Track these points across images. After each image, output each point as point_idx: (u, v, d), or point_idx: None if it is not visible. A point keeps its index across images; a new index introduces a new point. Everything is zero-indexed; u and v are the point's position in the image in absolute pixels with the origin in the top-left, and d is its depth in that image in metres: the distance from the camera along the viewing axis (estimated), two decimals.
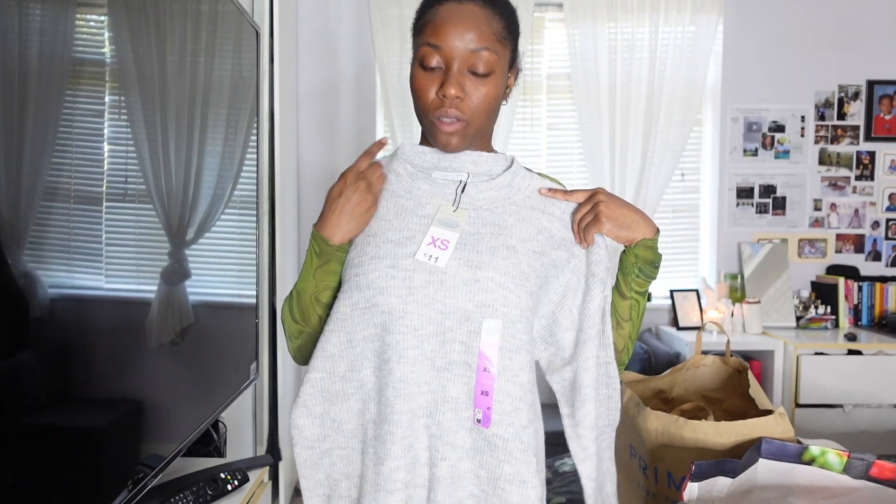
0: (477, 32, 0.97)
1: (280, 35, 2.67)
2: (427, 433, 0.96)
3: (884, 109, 3.52)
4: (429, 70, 0.98)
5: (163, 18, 1.39)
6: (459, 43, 0.96)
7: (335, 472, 1.01)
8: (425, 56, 0.98)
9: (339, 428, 1.00)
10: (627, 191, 3.34)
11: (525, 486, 0.94)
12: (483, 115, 1.01)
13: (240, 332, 1.95)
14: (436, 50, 0.97)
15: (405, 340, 0.94)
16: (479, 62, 0.97)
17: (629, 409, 1.41)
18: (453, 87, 0.97)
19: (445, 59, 0.97)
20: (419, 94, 1.00)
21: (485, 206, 1.02)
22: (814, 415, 3.05)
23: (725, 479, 1.11)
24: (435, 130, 1.00)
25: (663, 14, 3.30)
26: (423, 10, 1.02)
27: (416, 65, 1.00)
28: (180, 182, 1.49)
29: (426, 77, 0.99)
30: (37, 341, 0.99)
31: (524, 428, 0.96)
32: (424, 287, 0.95)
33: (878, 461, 1.06)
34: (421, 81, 0.99)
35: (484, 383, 0.94)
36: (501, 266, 0.97)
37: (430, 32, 0.98)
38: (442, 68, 0.98)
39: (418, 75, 1.00)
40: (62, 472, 1.04)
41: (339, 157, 3.35)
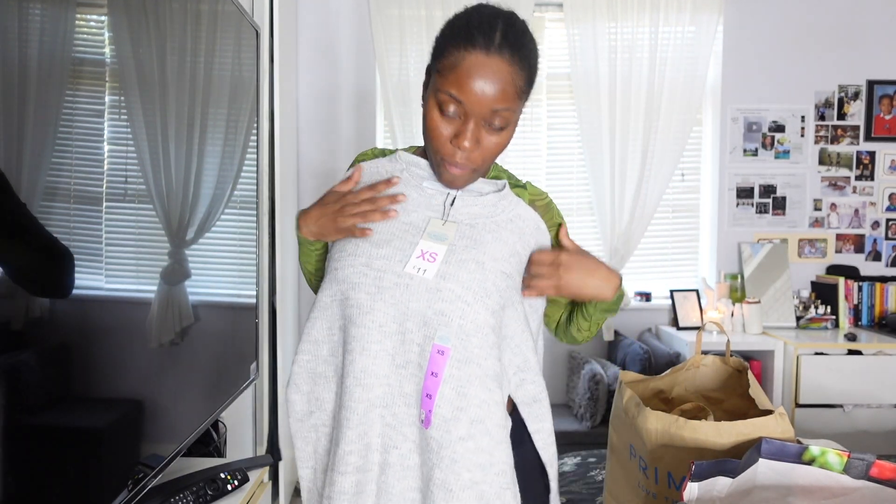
0: (501, 93, 0.96)
1: (280, 35, 2.67)
2: (382, 422, 1.00)
3: (884, 109, 3.52)
4: (445, 116, 0.99)
5: (163, 18, 1.39)
6: (482, 100, 0.96)
7: (319, 447, 1.09)
8: (444, 103, 0.97)
9: (322, 406, 1.08)
10: (627, 191, 3.34)
11: (450, 496, 0.96)
12: (490, 161, 1.04)
13: (240, 332, 1.95)
14: (457, 103, 0.97)
15: (369, 334, 1.00)
16: (498, 119, 0.98)
17: (629, 410, 1.41)
18: (469, 142, 0.98)
19: (464, 113, 0.97)
20: (433, 136, 1.01)
21: (467, 220, 1.05)
22: (814, 415, 3.05)
23: (725, 479, 1.11)
24: (441, 169, 1.03)
25: (663, 14, 3.30)
26: (447, 47, 0.98)
27: (434, 106, 1.00)
28: (180, 182, 1.49)
29: (442, 122, 0.99)
30: (37, 341, 0.99)
31: (461, 439, 0.97)
32: (392, 288, 0.99)
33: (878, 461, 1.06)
34: (436, 123, 0.99)
35: (429, 386, 0.98)
36: (465, 279, 0.99)
37: (454, 83, 0.96)
38: (459, 118, 0.98)
39: (434, 118, 0.99)
40: (62, 472, 1.04)
41: (339, 157, 3.35)
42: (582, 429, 2.97)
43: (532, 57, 1.01)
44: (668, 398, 1.63)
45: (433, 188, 1.07)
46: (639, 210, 3.34)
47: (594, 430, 2.94)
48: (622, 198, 3.34)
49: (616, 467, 1.50)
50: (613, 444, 1.52)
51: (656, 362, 3.02)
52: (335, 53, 3.32)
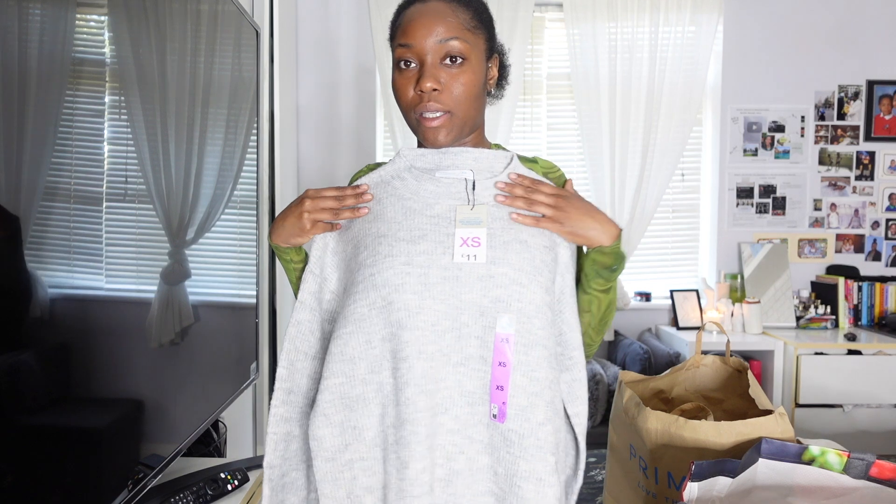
0: (444, 25, 0.99)
1: (280, 35, 2.67)
2: (444, 429, 0.94)
3: (884, 109, 3.52)
4: (405, 70, 1.01)
5: (163, 18, 1.39)
6: (428, 37, 0.98)
7: (357, 487, 0.97)
8: (399, 59, 1.01)
9: (360, 436, 0.96)
10: (627, 191, 3.34)
11: (541, 485, 0.93)
12: (466, 103, 1.01)
13: (240, 332, 1.95)
14: (407, 49, 0.99)
15: (423, 336, 0.93)
16: (451, 51, 0.99)
17: (629, 410, 1.41)
18: (429, 80, 0.98)
19: (418, 56, 0.99)
20: (399, 95, 1.02)
21: (491, 202, 1.02)
22: (814, 415, 3.05)
23: (725, 478, 1.11)
24: (421, 128, 1.02)
25: (663, 14, 3.30)
26: (395, 18, 1.05)
27: (395, 68, 1.03)
28: (180, 182, 1.49)
29: (403, 77, 1.01)
30: (37, 341, 0.99)
31: (541, 425, 0.94)
32: (440, 283, 0.94)
33: (878, 461, 1.06)
34: (399, 82, 1.01)
35: (499, 378, 0.94)
36: (515, 261, 0.96)
37: (401, 34, 1.01)
38: (416, 65, 1.00)
39: (396, 77, 1.02)
40: (62, 472, 1.04)
41: (339, 157, 3.35)
42: None
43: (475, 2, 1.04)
44: (668, 398, 1.63)
45: (447, 176, 1.03)
46: (639, 210, 3.34)
47: (594, 430, 2.94)
48: (622, 198, 3.34)
49: (616, 467, 1.50)
50: (613, 444, 1.52)
51: (656, 362, 3.02)
52: (335, 53, 3.32)
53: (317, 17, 3.30)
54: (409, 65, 1.00)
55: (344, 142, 3.35)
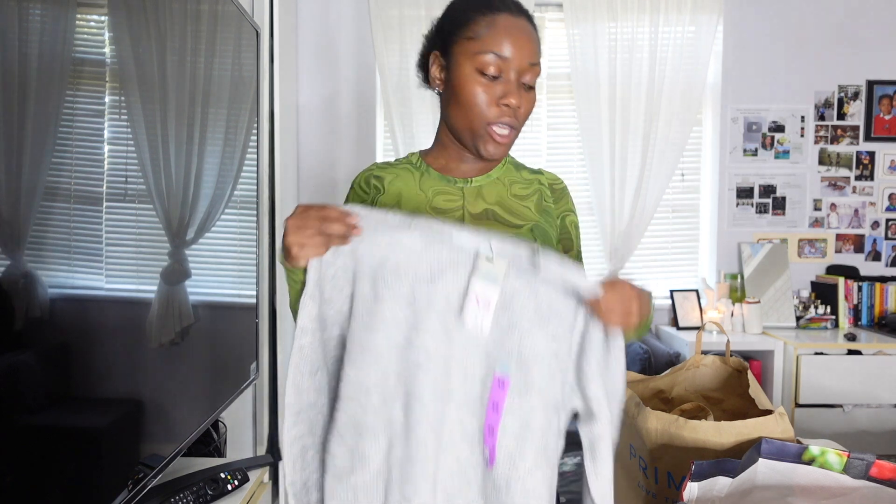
0: (533, 47, 1.01)
1: (280, 35, 2.67)
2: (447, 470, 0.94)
3: (884, 109, 3.52)
4: (490, 81, 1.01)
5: (163, 18, 1.39)
6: (523, 57, 1.00)
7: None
8: (487, 64, 1.00)
9: (366, 465, 0.94)
10: (627, 191, 3.34)
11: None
12: (524, 123, 1.06)
13: (240, 332, 1.95)
14: (500, 60, 1.00)
15: (437, 377, 0.92)
16: (532, 76, 1.02)
17: (629, 410, 1.41)
18: (515, 98, 1.01)
19: (505, 70, 1.01)
20: (475, 102, 1.01)
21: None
22: (814, 415, 3.05)
23: (725, 478, 1.11)
24: (487, 138, 1.03)
25: (663, 14, 3.30)
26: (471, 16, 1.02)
27: (472, 72, 1.01)
28: (180, 182, 1.49)
29: (485, 86, 1.01)
30: (37, 341, 0.99)
31: (528, 472, 0.92)
32: (457, 327, 0.94)
33: (878, 461, 1.06)
34: (479, 89, 1.01)
35: (491, 420, 0.92)
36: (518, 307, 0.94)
37: (494, 42, 1.00)
38: (499, 77, 1.01)
39: (475, 83, 1.01)
40: (62, 472, 1.04)
41: (339, 157, 3.35)
42: None
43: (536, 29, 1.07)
44: (668, 398, 1.63)
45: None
46: (639, 210, 3.34)
47: None
48: (622, 198, 3.34)
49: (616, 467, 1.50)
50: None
51: (656, 362, 3.01)
52: (335, 53, 3.32)
53: (317, 17, 3.30)
54: (495, 77, 1.01)
55: (344, 142, 3.35)
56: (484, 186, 1.13)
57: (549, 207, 1.16)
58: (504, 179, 1.15)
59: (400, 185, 1.13)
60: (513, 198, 1.13)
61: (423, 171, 1.14)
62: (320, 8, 3.29)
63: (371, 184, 1.14)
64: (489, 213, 1.11)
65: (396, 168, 1.16)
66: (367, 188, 1.15)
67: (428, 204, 1.10)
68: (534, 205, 1.14)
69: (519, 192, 1.14)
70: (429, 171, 1.14)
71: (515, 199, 1.13)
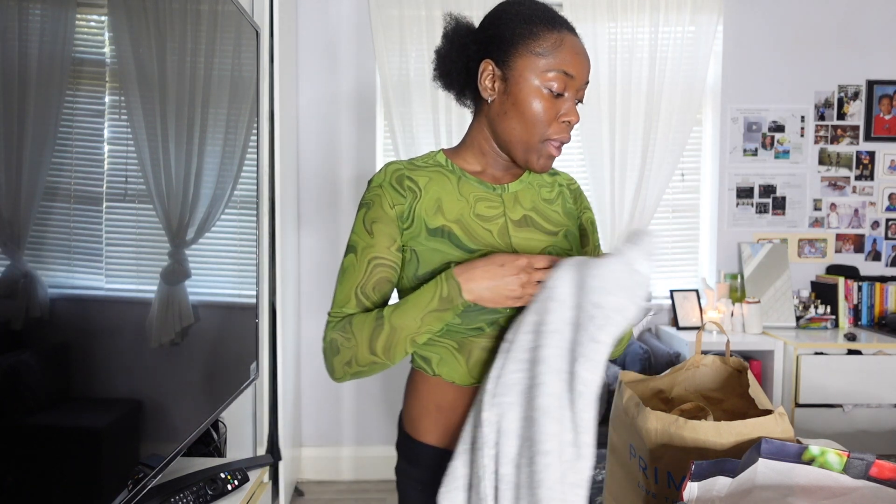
0: (589, 67, 1.06)
1: (280, 35, 2.67)
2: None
3: (884, 109, 3.52)
4: (555, 97, 1.03)
5: (163, 18, 1.39)
6: (583, 75, 1.04)
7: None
8: (558, 83, 1.02)
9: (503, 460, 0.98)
10: (627, 191, 3.34)
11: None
12: None
13: (240, 332, 1.95)
14: (567, 78, 1.03)
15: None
16: (584, 93, 1.07)
17: (629, 410, 1.41)
18: (575, 116, 1.05)
19: (570, 88, 1.04)
20: (539, 119, 1.03)
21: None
22: (814, 415, 3.05)
23: (725, 478, 1.11)
24: (543, 153, 1.06)
25: (663, 14, 3.30)
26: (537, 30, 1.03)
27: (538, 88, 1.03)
28: (180, 182, 1.49)
29: (549, 102, 1.03)
30: (37, 341, 0.99)
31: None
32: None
33: (878, 461, 1.06)
34: (544, 105, 1.03)
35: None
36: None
37: (563, 61, 1.02)
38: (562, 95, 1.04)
39: (540, 98, 1.03)
40: (62, 472, 1.04)
41: (339, 157, 3.35)
42: None
43: None
44: (668, 398, 1.63)
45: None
46: (639, 210, 3.34)
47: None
48: (622, 198, 3.34)
49: (616, 467, 1.50)
50: (613, 444, 1.52)
51: (656, 362, 3.01)
52: (335, 53, 3.32)
53: (317, 17, 3.30)
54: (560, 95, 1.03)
55: (344, 142, 3.35)
56: (519, 192, 1.13)
57: (571, 210, 1.19)
58: (533, 183, 1.16)
59: (437, 189, 1.09)
60: (543, 202, 1.15)
61: (458, 175, 1.11)
62: (320, 8, 3.29)
63: (405, 185, 1.08)
64: (528, 220, 1.12)
65: (427, 170, 1.11)
66: (401, 189, 1.08)
67: (471, 210, 1.08)
68: (561, 208, 1.17)
69: (547, 196, 1.16)
70: (465, 176, 1.11)
71: (546, 204, 1.15)
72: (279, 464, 2.73)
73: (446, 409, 1.10)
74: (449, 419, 1.10)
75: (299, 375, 3.32)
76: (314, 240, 3.34)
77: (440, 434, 1.12)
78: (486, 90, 1.07)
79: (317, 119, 3.32)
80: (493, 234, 1.07)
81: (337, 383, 1.12)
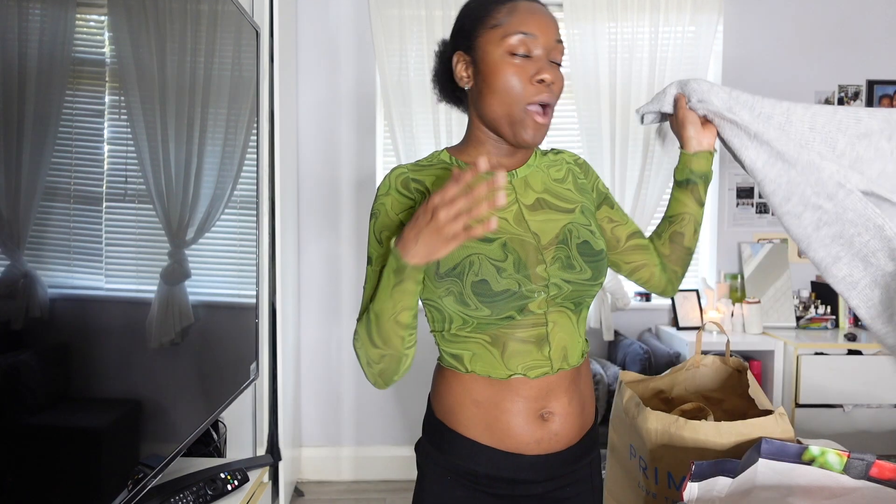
0: (555, 25, 1.04)
1: (280, 35, 2.67)
2: None
3: None
4: (521, 60, 1.01)
5: (163, 18, 1.39)
6: (550, 34, 1.02)
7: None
8: (517, 44, 1.01)
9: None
10: (628, 190, 3.34)
11: None
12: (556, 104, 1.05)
13: (240, 332, 1.95)
14: (530, 38, 1.01)
15: None
16: (559, 53, 1.04)
17: (629, 410, 1.41)
18: (550, 73, 1.01)
19: (535, 47, 1.02)
20: (511, 84, 1.01)
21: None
22: (814, 415, 3.05)
23: (725, 479, 1.11)
24: (527, 121, 1.02)
25: (663, 14, 3.30)
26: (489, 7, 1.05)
27: (503, 55, 1.02)
28: (180, 182, 1.49)
29: (518, 66, 1.01)
30: (37, 341, 0.99)
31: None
32: None
33: (878, 461, 1.06)
34: (512, 70, 1.01)
35: None
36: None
37: (520, 22, 1.01)
38: (529, 57, 1.02)
39: (508, 65, 1.01)
40: (62, 472, 1.04)
41: (339, 157, 3.34)
42: None
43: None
44: (669, 398, 1.63)
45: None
46: (639, 210, 3.34)
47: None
48: (622, 198, 3.34)
49: (616, 467, 1.50)
50: (613, 444, 1.52)
51: (656, 362, 3.01)
52: (335, 53, 3.32)
53: (317, 17, 3.30)
54: (526, 56, 1.01)
55: (344, 141, 3.35)
56: (528, 176, 1.13)
57: (583, 184, 1.19)
58: (541, 165, 1.16)
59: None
60: (554, 182, 1.14)
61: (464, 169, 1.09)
62: (320, 8, 3.29)
63: (411, 187, 1.08)
64: (542, 202, 1.11)
65: (432, 169, 1.11)
66: (408, 192, 1.07)
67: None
68: (573, 185, 1.17)
69: (556, 176, 1.16)
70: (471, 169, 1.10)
71: (557, 184, 1.14)
72: (279, 464, 2.73)
73: (484, 404, 1.07)
74: (489, 413, 1.07)
75: (299, 375, 3.32)
76: (314, 240, 3.34)
77: (480, 429, 1.08)
78: (461, 80, 1.09)
79: (317, 119, 3.32)
80: (509, 220, 1.07)
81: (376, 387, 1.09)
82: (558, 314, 1.06)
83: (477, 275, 1.01)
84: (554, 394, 1.07)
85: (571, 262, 1.06)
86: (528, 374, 1.05)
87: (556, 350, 1.07)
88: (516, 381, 1.05)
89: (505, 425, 1.06)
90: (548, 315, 1.05)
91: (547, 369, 1.06)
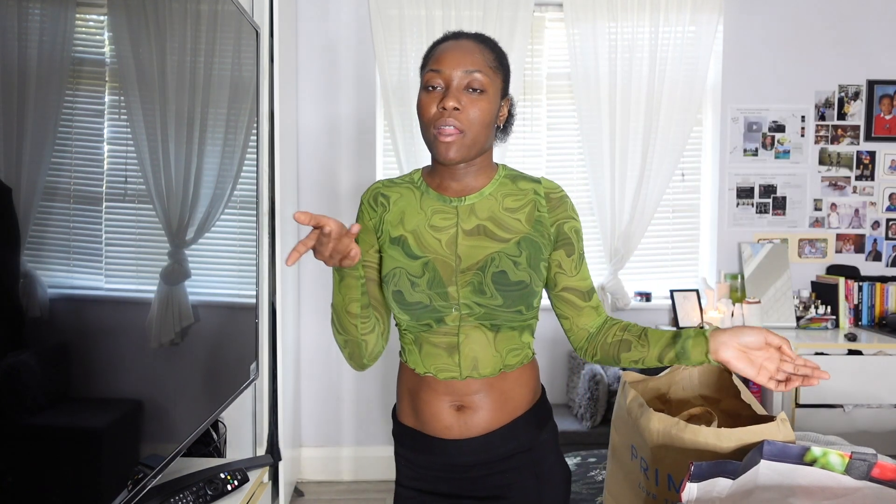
0: (471, 59, 1.15)
1: (280, 35, 2.67)
2: None
3: (884, 109, 3.52)
4: (431, 91, 1.15)
5: (163, 18, 1.39)
6: (457, 67, 1.14)
7: None
8: (428, 79, 1.15)
9: None
10: (627, 191, 3.34)
11: None
12: (477, 127, 1.15)
13: (240, 332, 1.94)
14: (437, 74, 1.14)
15: None
16: (474, 81, 1.14)
17: (632, 410, 1.41)
18: (451, 100, 1.12)
19: (445, 81, 1.14)
20: (423, 111, 1.15)
21: None
22: (814, 415, 3.05)
23: (726, 480, 1.11)
24: (435, 142, 1.14)
25: (663, 14, 3.30)
26: (428, 52, 1.20)
27: (421, 91, 1.16)
28: (180, 182, 1.48)
29: (428, 97, 1.15)
30: (37, 341, 0.99)
31: None
32: None
33: (880, 462, 1.05)
34: (424, 101, 1.15)
35: None
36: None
37: (433, 62, 1.16)
38: (442, 88, 1.14)
39: (422, 97, 1.16)
40: (62, 472, 1.04)
41: (339, 157, 3.34)
42: (582, 429, 2.97)
43: (497, 47, 1.21)
44: (667, 398, 1.63)
45: None
46: (639, 210, 3.34)
47: (594, 431, 2.94)
48: (622, 198, 3.34)
49: (616, 468, 1.50)
50: (614, 445, 1.52)
51: None
52: (335, 53, 3.32)
53: (317, 17, 3.30)
54: (436, 88, 1.14)
55: (344, 142, 3.34)
56: (476, 204, 1.23)
57: (542, 217, 1.23)
58: (497, 194, 1.24)
59: (403, 204, 1.25)
60: (504, 211, 1.23)
61: (423, 190, 1.25)
62: (320, 8, 3.29)
63: (378, 201, 1.26)
64: (480, 229, 1.21)
65: (400, 187, 1.28)
66: (374, 205, 1.26)
67: (427, 222, 1.22)
68: (525, 216, 1.22)
69: (511, 205, 1.23)
70: (428, 191, 1.25)
71: (506, 213, 1.22)
72: (279, 464, 2.72)
73: (413, 393, 1.25)
74: (415, 402, 1.25)
75: (299, 375, 3.32)
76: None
77: (412, 416, 1.26)
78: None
79: (316, 119, 3.32)
80: (441, 242, 1.20)
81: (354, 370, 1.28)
82: (473, 329, 1.20)
83: (396, 285, 1.18)
84: (462, 393, 1.21)
85: (483, 288, 1.17)
86: (438, 375, 1.21)
87: (466, 359, 1.20)
88: (429, 377, 1.22)
89: (422, 412, 1.23)
90: (461, 329, 1.20)
91: (455, 374, 1.20)
